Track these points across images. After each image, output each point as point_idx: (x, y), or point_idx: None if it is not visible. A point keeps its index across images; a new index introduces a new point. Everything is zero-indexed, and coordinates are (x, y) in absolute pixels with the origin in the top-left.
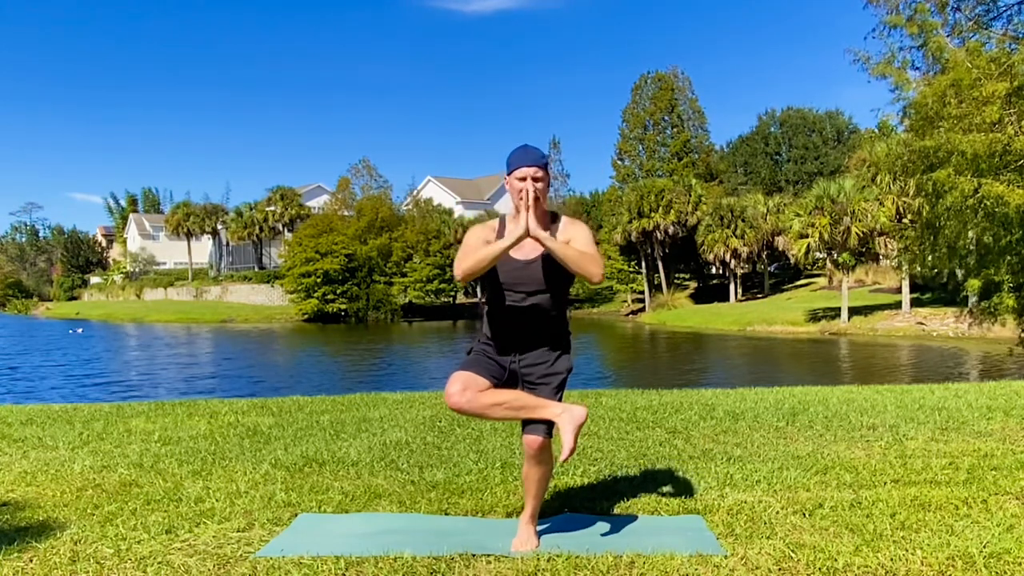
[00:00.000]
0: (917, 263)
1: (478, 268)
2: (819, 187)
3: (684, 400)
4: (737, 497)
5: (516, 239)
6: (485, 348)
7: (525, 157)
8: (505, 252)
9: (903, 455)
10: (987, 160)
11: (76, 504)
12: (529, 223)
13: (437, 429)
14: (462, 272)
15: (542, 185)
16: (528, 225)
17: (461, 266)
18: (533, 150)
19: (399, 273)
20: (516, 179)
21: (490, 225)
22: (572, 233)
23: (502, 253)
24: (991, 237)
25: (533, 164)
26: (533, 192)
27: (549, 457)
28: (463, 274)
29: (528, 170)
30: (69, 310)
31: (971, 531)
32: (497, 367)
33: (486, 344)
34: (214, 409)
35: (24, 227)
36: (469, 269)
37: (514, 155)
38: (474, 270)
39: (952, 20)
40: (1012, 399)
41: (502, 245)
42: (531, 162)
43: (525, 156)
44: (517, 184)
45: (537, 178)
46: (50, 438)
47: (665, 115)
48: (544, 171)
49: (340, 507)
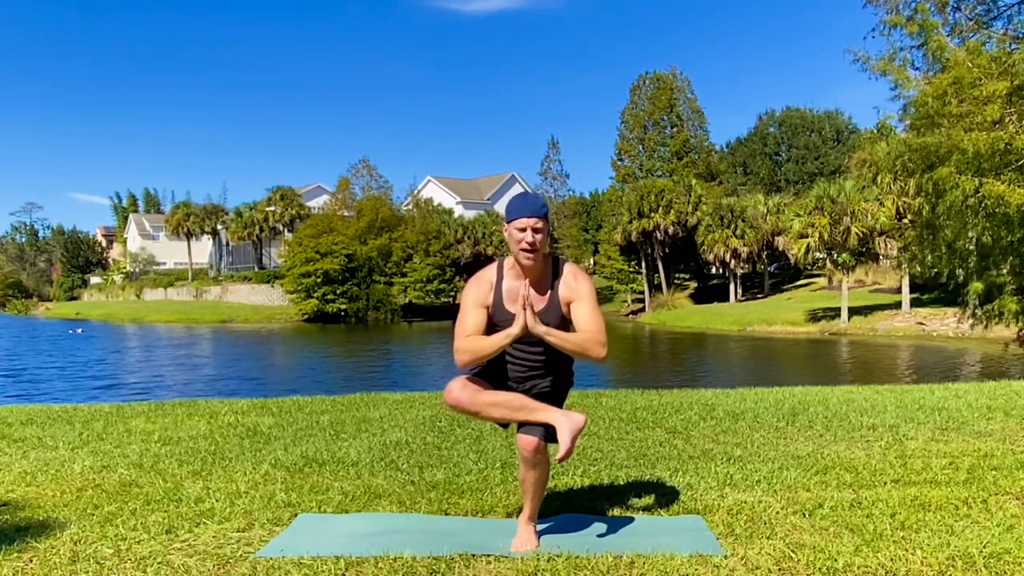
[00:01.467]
0: (917, 263)
1: (479, 360)
2: (819, 187)
3: (684, 400)
4: (737, 497)
5: (514, 337)
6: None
7: (525, 207)
8: (503, 348)
9: (903, 455)
10: (988, 159)
11: (76, 504)
12: (528, 321)
13: (437, 429)
14: (462, 365)
15: (542, 236)
16: (527, 323)
17: (460, 359)
18: (533, 199)
19: (399, 273)
20: (516, 229)
21: (487, 279)
22: (574, 291)
23: (499, 349)
24: (991, 237)
25: (533, 215)
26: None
27: (545, 460)
28: (465, 364)
29: (528, 221)
30: (69, 310)
31: (971, 531)
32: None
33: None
34: (214, 409)
35: (24, 227)
36: (468, 364)
37: (514, 204)
38: (473, 364)
39: (952, 20)
40: (1012, 399)
41: (499, 343)
42: (531, 212)
43: (525, 206)
44: (517, 235)
45: (537, 228)
46: (50, 438)
47: (664, 115)
48: (544, 221)
49: (340, 507)
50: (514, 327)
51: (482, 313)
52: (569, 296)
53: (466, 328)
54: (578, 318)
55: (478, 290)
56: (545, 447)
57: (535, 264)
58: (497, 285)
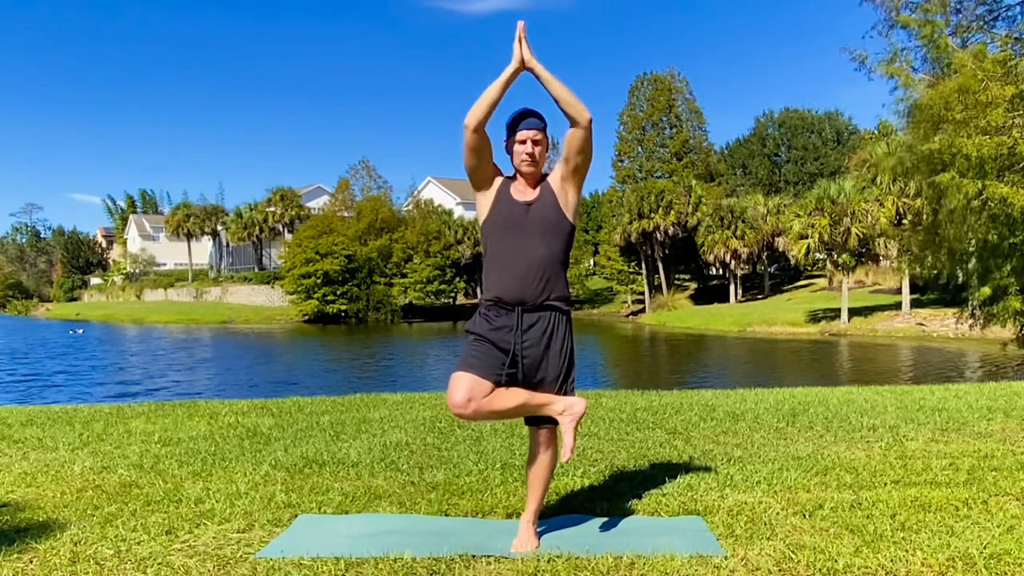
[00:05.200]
0: (917, 264)
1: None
2: (819, 188)
3: (684, 401)
4: (737, 498)
5: (513, 69)
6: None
7: (524, 120)
8: (506, 83)
9: (903, 456)
10: (992, 163)
11: (76, 505)
12: (524, 53)
13: (437, 430)
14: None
15: (541, 148)
16: (524, 56)
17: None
18: (532, 113)
19: (399, 274)
20: (517, 141)
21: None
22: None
23: (502, 84)
24: (996, 237)
25: (533, 128)
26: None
27: (555, 445)
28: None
29: (528, 133)
30: (69, 311)
31: (971, 532)
32: (497, 360)
33: (485, 317)
34: (214, 410)
35: (24, 228)
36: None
37: (513, 118)
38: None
39: (954, 21)
40: (1012, 400)
41: (500, 79)
42: (531, 126)
43: (524, 119)
44: (518, 148)
45: (536, 140)
46: (50, 439)
47: (663, 116)
48: (543, 134)
49: (340, 508)
50: (512, 63)
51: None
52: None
53: None
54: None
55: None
56: (555, 432)
57: (535, 174)
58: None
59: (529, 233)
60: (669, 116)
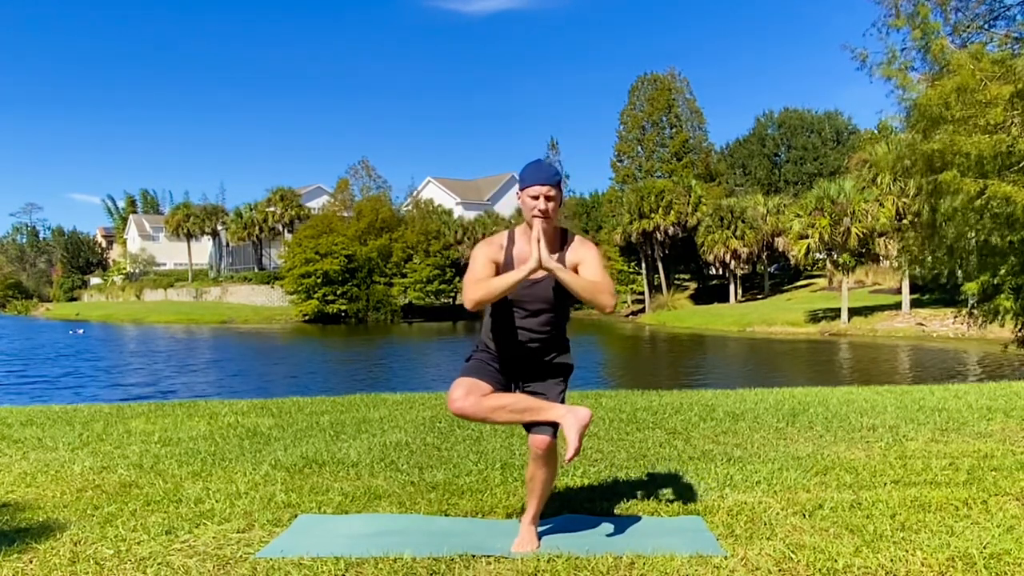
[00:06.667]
0: (917, 264)
1: (488, 300)
2: (819, 188)
3: (684, 401)
4: (737, 498)
5: (528, 272)
6: (485, 355)
7: (539, 175)
8: (517, 284)
9: (903, 456)
10: (992, 161)
11: (76, 505)
12: (541, 255)
13: (437, 430)
14: (472, 303)
15: (554, 204)
16: (540, 257)
17: (471, 296)
18: (547, 167)
19: (399, 274)
20: (529, 196)
21: (497, 242)
22: (582, 255)
23: (514, 285)
24: (998, 237)
25: (546, 183)
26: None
27: (555, 458)
28: (474, 305)
29: (541, 188)
30: (69, 311)
31: (971, 532)
32: (498, 374)
33: (485, 351)
34: (214, 410)
35: (24, 228)
36: (480, 300)
37: (527, 171)
38: (484, 301)
39: (954, 19)
40: (1012, 400)
41: (514, 278)
42: (544, 180)
43: (539, 173)
44: (530, 202)
45: (550, 196)
46: (50, 439)
47: (663, 116)
48: (557, 189)
49: (340, 508)
50: (529, 263)
51: (492, 267)
52: (576, 260)
53: (476, 274)
54: (586, 275)
55: (489, 248)
56: (556, 445)
57: (547, 231)
58: (508, 247)
59: (534, 311)
60: (669, 116)
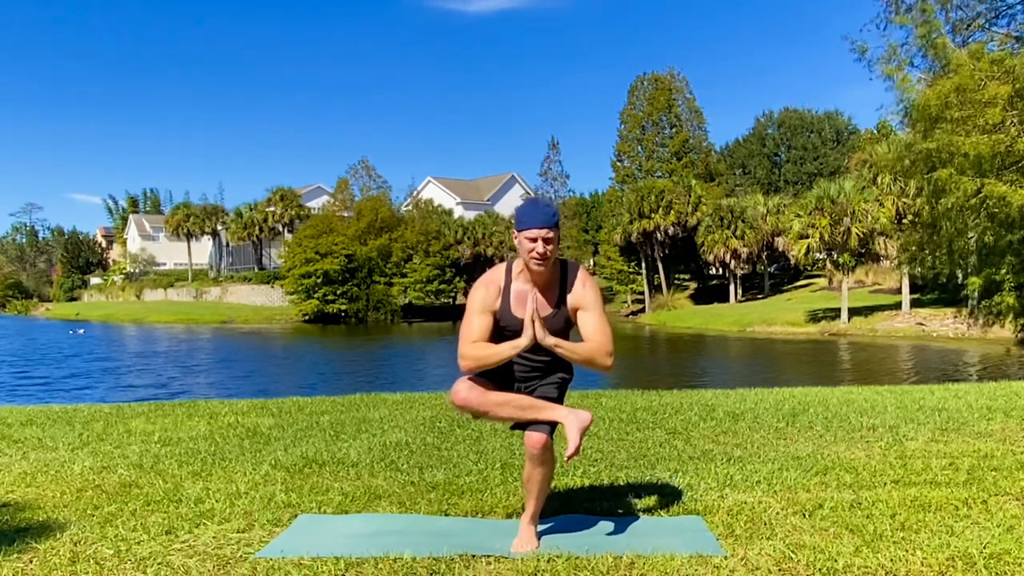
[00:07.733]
0: (917, 264)
1: (482, 368)
2: (819, 188)
3: (684, 401)
4: (737, 498)
5: (521, 348)
6: None
7: (536, 217)
8: (510, 358)
9: (903, 456)
10: (989, 161)
11: (76, 505)
12: (537, 333)
13: (437, 430)
14: (467, 368)
15: (553, 247)
16: (536, 336)
17: (464, 365)
18: (544, 209)
19: (399, 274)
20: (527, 239)
21: (496, 282)
22: (582, 300)
23: (507, 359)
24: (992, 237)
25: (544, 225)
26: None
27: (551, 458)
28: (468, 370)
29: (539, 232)
30: (69, 311)
31: (971, 532)
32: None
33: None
34: (214, 410)
35: (24, 228)
36: (472, 370)
37: (525, 212)
38: (476, 371)
39: (955, 18)
40: (1012, 400)
41: (507, 353)
42: (541, 223)
43: (536, 215)
44: (527, 244)
45: (548, 239)
46: (50, 439)
47: (663, 115)
48: (555, 230)
49: (340, 508)
50: (523, 339)
51: (488, 318)
52: (576, 304)
53: (472, 333)
54: (585, 327)
55: (486, 293)
56: (552, 444)
57: (544, 273)
58: (505, 289)
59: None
60: (669, 116)
